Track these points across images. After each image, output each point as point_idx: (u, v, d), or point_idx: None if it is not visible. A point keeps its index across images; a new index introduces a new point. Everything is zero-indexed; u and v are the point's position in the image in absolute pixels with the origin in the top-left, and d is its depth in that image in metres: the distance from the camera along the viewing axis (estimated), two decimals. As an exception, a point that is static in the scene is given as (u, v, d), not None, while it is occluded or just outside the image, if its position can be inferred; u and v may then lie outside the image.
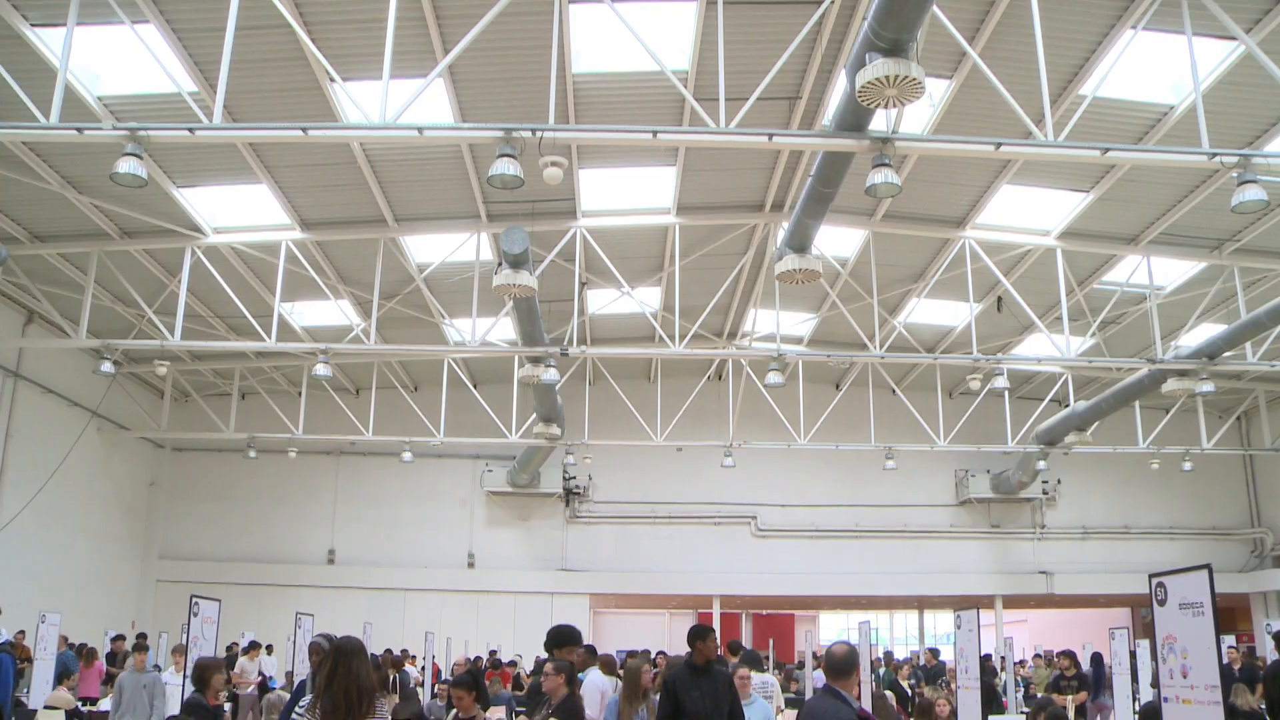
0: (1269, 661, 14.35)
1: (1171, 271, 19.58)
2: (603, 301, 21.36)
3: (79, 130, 10.97)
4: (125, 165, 10.59)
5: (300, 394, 24.61)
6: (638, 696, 8.63)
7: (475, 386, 24.82)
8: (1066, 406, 23.44)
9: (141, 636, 18.75)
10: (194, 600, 9.24)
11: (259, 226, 17.88)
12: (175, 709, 11.22)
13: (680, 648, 26.39)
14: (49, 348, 21.51)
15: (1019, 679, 21.95)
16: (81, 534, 24.11)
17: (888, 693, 16.99)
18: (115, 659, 19.12)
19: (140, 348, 20.55)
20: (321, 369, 18.56)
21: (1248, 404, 27.38)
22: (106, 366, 18.86)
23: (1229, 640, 17.37)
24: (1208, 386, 18.53)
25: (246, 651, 19.43)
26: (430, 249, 18.93)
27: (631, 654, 12.94)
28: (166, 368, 21.49)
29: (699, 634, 8.63)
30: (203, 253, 17.91)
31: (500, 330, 21.04)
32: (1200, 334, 19.70)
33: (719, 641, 9.03)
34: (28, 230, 17.71)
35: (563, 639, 8.74)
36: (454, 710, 8.17)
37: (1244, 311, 17.71)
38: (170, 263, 18.82)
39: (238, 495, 28.18)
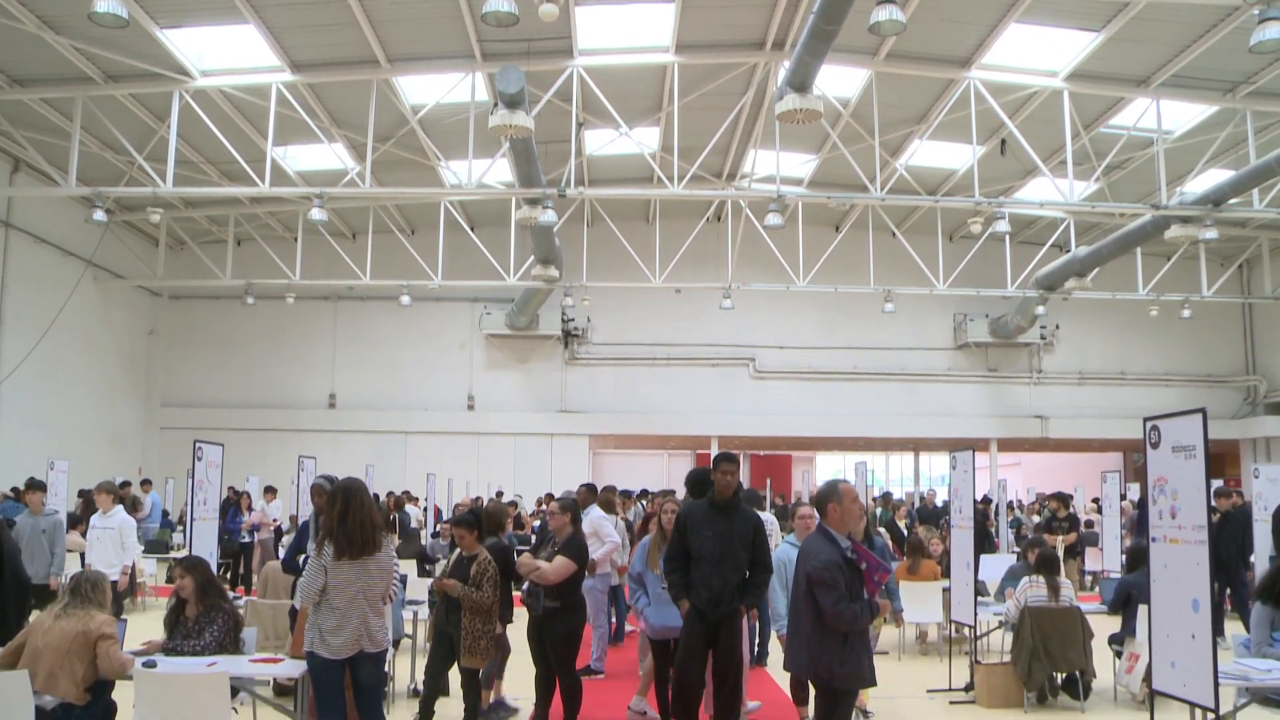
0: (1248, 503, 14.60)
1: (1181, 115, 19.20)
2: (600, 142, 21.03)
3: (53, -35, 10.55)
4: (103, 4, 10.25)
5: (296, 239, 24.45)
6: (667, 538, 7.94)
7: (472, 229, 24.68)
8: (1067, 252, 23.30)
9: (125, 485, 19.06)
10: (197, 445, 9.33)
11: (248, 69, 17.43)
12: (111, 552, 10.88)
13: (678, 486, 26.84)
14: (39, 196, 21.26)
15: (1011, 520, 22.47)
16: (83, 383, 24.29)
17: (882, 530, 17.40)
18: (124, 504, 19.45)
19: (132, 195, 20.33)
20: (317, 213, 18.35)
21: (1250, 252, 27.23)
22: (99, 215, 18.64)
23: (1217, 484, 17.69)
24: (1211, 233, 18.38)
25: (264, 493, 19.82)
26: (424, 90, 18.52)
27: (665, 493, 12.60)
28: (160, 215, 21.22)
29: (715, 463, 7.54)
30: (191, 97, 17.53)
31: (497, 172, 20.76)
32: (1207, 180, 19.44)
33: (738, 471, 7.57)
34: (6, 74, 17.26)
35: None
36: (456, 549, 8.33)
37: (1254, 157, 17.42)
38: (158, 107, 18.43)
39: (237, 342, 28.32)
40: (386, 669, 7.28)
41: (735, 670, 7.21)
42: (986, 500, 20.75)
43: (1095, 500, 23.27)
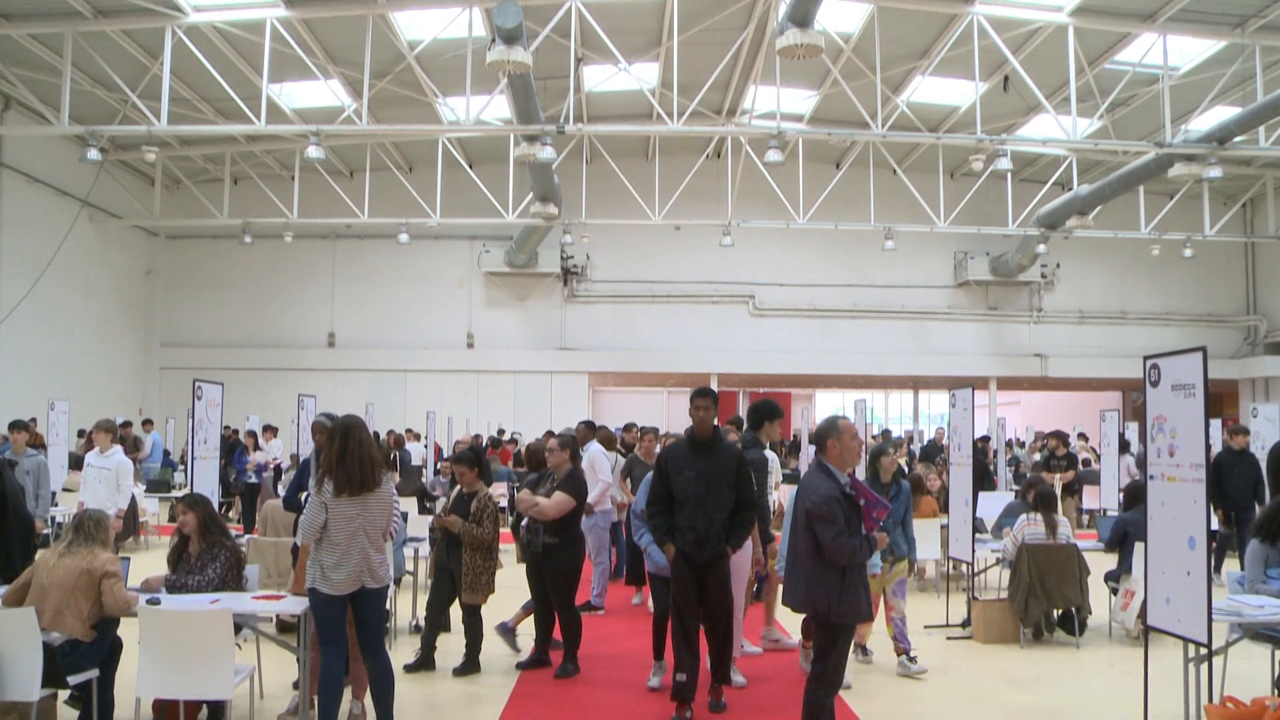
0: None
1: (1188, 50, 18.94)
2: (599, 78, 20.83)
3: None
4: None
5: (293, 178, 24.30)
6: None
7: (471, 166, 24.51)
8: (1069, 190, 23.17)
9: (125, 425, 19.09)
10: (197, 384, 9.32)
11: (242, 4, 17.20)
12: (106, 492, 10.86)
13: (678, 424, 27.04)
14: (31, 135, 21.05)
15: (1010, 457, 22.55)
16: (82, 324, 24.26)
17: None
18: (125, 444, 19.51)
19: (126, 134, 20.14)
20: (314, 151, 18.19)
21: (1254, 190, 27.06)
22: (93, 154, 18.42)
23: (1218, 421, 17.73)
24: (1215, 172, 18.24)
25: (263, 433, 19.91)
26: (421, 25, 18.28)
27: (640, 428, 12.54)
28: (155, 154, 21.05)
29: (691, 399, 7.20)
30: (184, 33, 17.29)
31: (495, 108, 20.57)
32: (1212, 117, 19.25)
33: (714, 407, 7.20)
34: (-7, 8, 17.05)
35: (772, 412, 8.32)
36: (457, 486, 8.38)
37: (1261, 93, 17.22)
38: (151, 44, 18.18)
39: (235, 281, 28.25)
40: (388, 606, 7.34)
41: (725, 614, 7.07)
42: (984, 439, 20.83)
43: (1082, 435, 23.40)
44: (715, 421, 7.20)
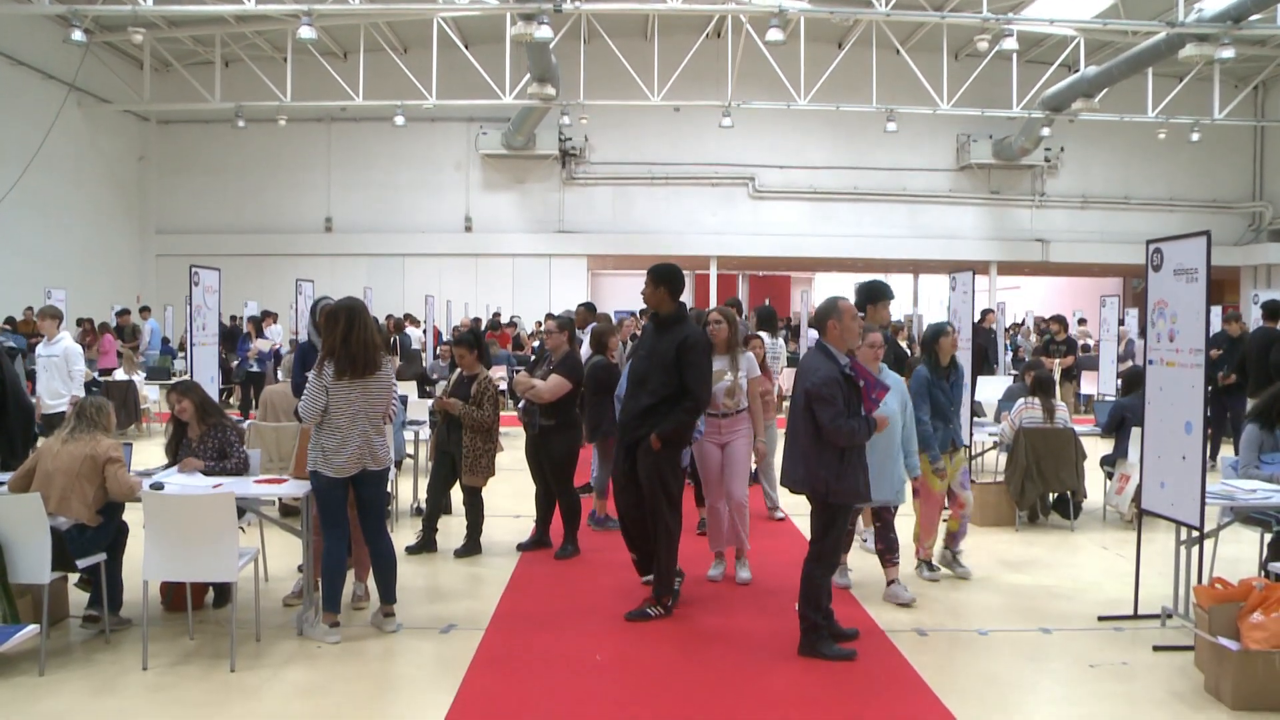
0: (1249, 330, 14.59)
1: (1205, -78, 18.40)
2: (597, -46, 20.28)
3: None
4: None
5: (286, 60, 23.82)
6: None
7: (467, 47, 24.00)
8: (1076, 71, 22.74)
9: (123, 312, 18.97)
10: (193, 270, 9.26)
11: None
12: (59, 381, 10.63)
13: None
14: (11, 14, 20.49)
15: (1008, 343, 22.57)
16: (75, 212, 24.04)
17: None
18: (122, 333, 19.51)
19: (111, 13, 19.64)
20: (306, 31, 17.81)
21: (1267, 73, 26.53)
22: (77, 35, 17.98)
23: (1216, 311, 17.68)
24: (1228, 53, 17.85)
25: (264, 318, 19.88)
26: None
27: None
28: (142, 35, 20.56)
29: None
30: (168, -97, 16.77)
31: (490, -13, 20.10)
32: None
33: (669, 283, 6.63)
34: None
35: (876, 294, 7.72)
36: (456, 369, 8.40)
37: (1283, -34, 16.79)
38: (135, -85, 17.65)
39: (230, 166, 27.94)
40: (389, 488, 7.41)
41: (656, 510, 6.52)
42: (988, 311, 20.85)
43: (1082, 320, 23.42)
44: (673, 300, 6.64)
